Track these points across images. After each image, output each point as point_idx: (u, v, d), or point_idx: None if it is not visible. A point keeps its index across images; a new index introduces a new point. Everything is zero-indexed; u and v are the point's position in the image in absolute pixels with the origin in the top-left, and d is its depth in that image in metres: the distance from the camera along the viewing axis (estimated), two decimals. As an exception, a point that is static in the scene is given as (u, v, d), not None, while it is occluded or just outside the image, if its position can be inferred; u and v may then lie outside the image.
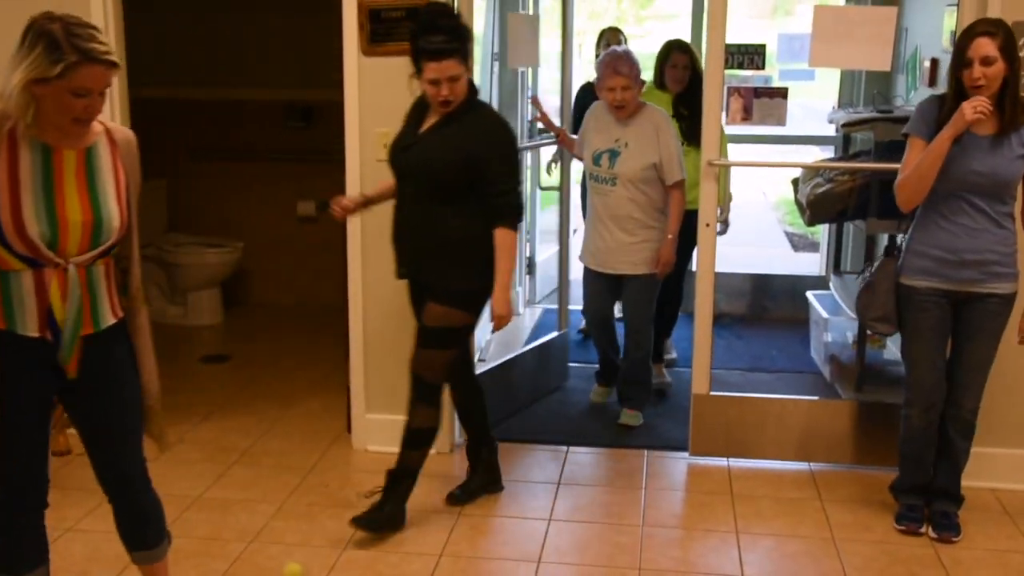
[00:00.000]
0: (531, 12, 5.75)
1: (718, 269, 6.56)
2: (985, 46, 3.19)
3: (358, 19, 3.88)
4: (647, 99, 4.52)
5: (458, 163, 3.32)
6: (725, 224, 4.89)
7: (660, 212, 4.35)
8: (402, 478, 3.57)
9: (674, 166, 4.28)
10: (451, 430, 4.23)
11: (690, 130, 4.54)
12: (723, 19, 3.87)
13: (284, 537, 3.50)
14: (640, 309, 4.46)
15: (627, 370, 4.60)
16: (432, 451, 4.15)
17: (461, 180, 3.34)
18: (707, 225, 4.04)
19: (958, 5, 3.81)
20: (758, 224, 9.64)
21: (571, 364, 5.20)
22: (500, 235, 3.37)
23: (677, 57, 4.85)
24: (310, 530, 3.56)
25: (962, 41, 3.25)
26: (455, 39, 3.27)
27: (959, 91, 3.27)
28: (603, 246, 4.40)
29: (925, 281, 3.45)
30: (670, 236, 4.32)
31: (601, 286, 4.51)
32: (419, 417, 3.53)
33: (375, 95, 3.98)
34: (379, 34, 3.89)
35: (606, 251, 4.39)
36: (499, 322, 3.44)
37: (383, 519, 3.51)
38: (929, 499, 3.66)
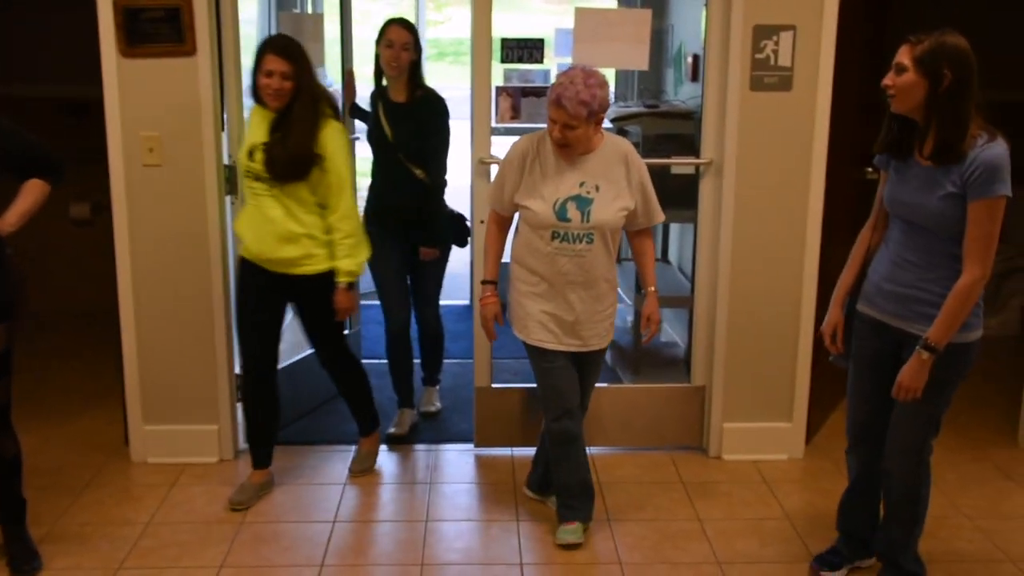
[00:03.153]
0: (311, 10, 5.64)
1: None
2: (901, 53, 2.81)
3: (114, 19, 3.74)
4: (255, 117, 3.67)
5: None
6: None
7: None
8: (20, 514, 3.34)
9: (657, 205, 3.49)
10: (233, 435, 4.17)
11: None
12: (488, 16, 3.96)
13: (53, 562, 3.36)
14: (595, 381, 3.70)
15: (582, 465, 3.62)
16: (213, 459, 4.13)
17: None
18: (481, 222, 4.12)
19: (707, 4, 4.03)
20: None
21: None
22: (39, 183, 3.22)
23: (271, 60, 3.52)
24: (82, 552, 3.43)
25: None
26: None
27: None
28: (573, 318, 3.42)
29: (862, 307, 3.13)
30: (652, 289, 3.52)
31: (568, 365, 3.50)
32: (9, 445, 3.28)
33: (138, 97, 3.85)
34: (137, 35, 3.76)
35: (576, 324, 3.44)
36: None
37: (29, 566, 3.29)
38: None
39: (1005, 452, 4.36)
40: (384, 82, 4.25)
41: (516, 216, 3.52)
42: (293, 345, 5.40)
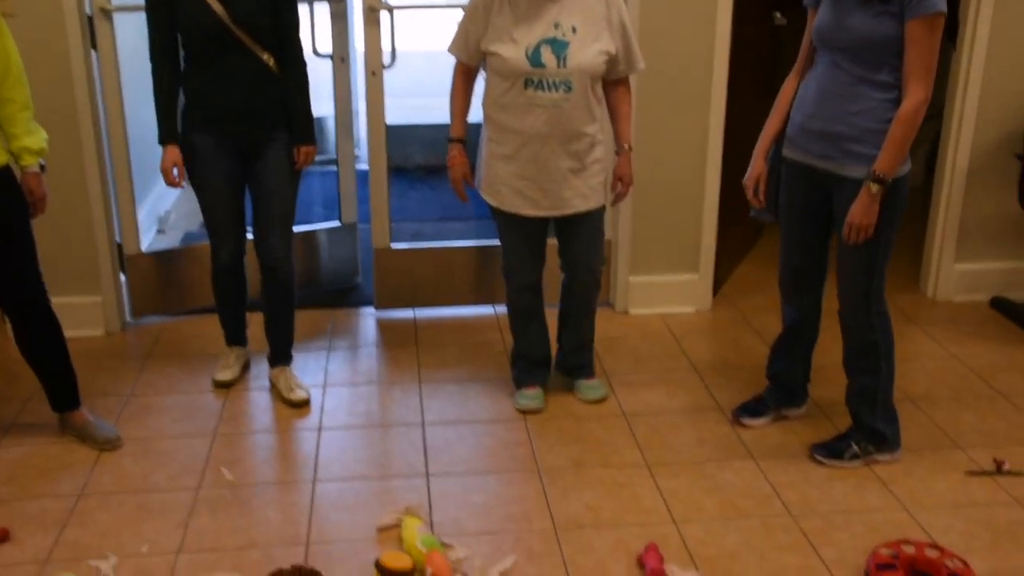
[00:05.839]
0: None
1: (414, 121, 6.51)
2: None
3: None
4: None
5: None
6: None
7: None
8: None
9: (638, 50, 3.19)
10: (119, 306, 3.97)
11: None
12: None
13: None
14: (598, 247, 3.34)
15: (579, 328, 3.50)
16: (99, 332, 3.93)
17: None
18: (372, 74, 3.89)
19: None
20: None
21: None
22: None
23: None
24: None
25: None
26: None
27: None
28: (546, 179, 3.14)
29: (788, 152, 3.00)
30: (627, 147, 3.26)
31: (534, 239, 3.30)
32: None
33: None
34: None
35: (549, 185, 3.15)
36: None
37: None
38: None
39: (908, 297, 4.38)
40: None
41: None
42: (187, 216, 5.16)
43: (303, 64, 3.33)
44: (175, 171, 3.26)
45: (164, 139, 3.26)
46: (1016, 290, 4.34)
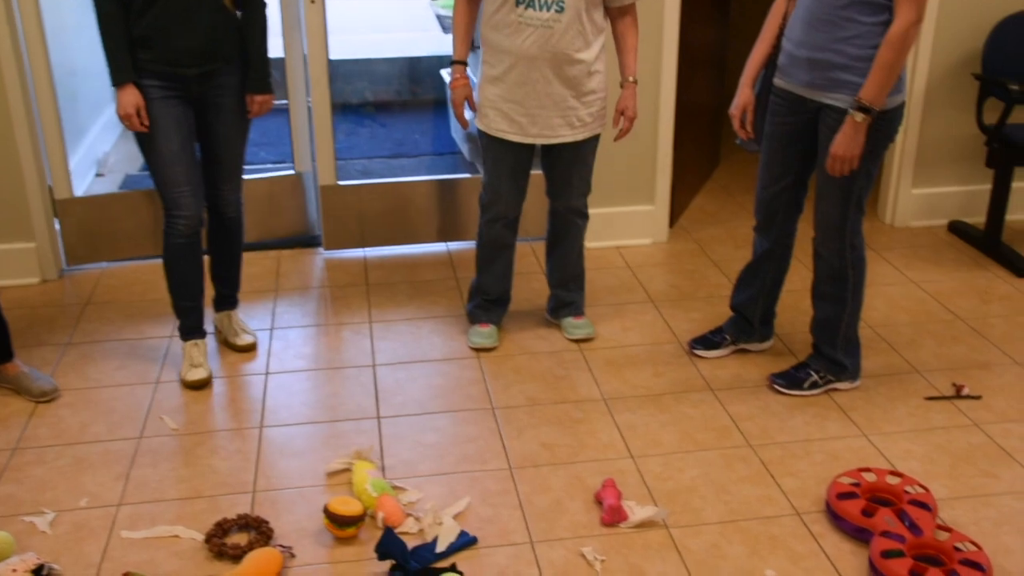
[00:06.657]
0: None
1: (361, 55, 6.33)
2: None
3: None
4: None
5: None
6: None
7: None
8: None
9: None
10: (54, 253, 3.81)
11: None
12: None
13: None
14: (585, 178, 3.26)
15: (564, 261, 3.42)
16: (35, 280, 3.79)
17: None
18: (312, 1, 3.71)
19: None
20: (409, 8, 9.33)
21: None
22: None
23: None
24: None
25: None
26: None
27: None
28: (535, 104, 3.04)
29: (778, 80, 2.90)
30: (632, 79, 3.16)
31: (518, 169, 3.20)
32: None
33: None
34: None
35: (538, 111, 3.05)
36: None
37: None
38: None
39: (866, 223, 4.26)
40: None
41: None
42: (129, 159, 4.97)
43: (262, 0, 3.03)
44: (138, 114, 2.88)
45: (119, 79, 2.86)
46: (974, 214, 4.30)
